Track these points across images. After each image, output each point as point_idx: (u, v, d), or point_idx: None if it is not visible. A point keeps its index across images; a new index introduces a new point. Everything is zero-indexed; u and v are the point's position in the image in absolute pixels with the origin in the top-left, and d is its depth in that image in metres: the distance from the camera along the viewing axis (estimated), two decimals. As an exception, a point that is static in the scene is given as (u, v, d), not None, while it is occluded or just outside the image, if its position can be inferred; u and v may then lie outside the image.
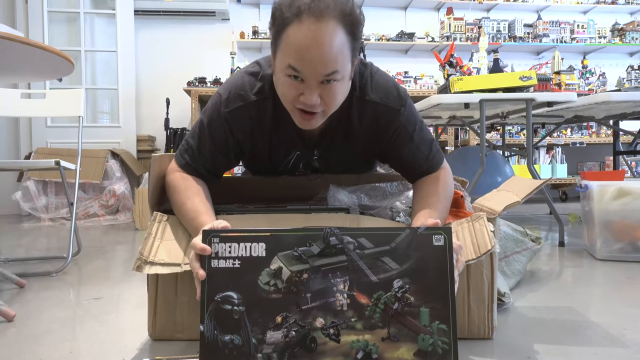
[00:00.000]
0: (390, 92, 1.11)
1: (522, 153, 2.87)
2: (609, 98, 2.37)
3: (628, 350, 0.98)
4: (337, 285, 0.85)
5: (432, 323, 0.82)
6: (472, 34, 4.76)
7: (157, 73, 4.47)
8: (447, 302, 0.83)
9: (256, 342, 0.82)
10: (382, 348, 0.82)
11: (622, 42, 4.94)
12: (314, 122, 1.03)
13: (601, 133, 4.82)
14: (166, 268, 0.97)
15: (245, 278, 0.85)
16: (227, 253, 0.86)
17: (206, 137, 1.11)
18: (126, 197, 3.69)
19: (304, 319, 0.84)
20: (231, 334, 0.83)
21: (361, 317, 0.83)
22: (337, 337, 0.83)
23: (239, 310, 0.84)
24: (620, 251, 1.84)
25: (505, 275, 1.45)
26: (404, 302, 0.84)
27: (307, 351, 0.82)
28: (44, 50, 1.51)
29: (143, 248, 0.99)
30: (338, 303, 0.84)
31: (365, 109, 1.11)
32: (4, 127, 4.17)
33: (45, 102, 2.23)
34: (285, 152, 1.22)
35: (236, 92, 1.10)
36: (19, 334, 1.12)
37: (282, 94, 1.03)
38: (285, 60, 0.95)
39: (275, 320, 0.83)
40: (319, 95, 0.97)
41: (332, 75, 0.95)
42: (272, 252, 0.86)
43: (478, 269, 1.03)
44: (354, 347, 0.82)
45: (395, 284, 0.85)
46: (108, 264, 2.00)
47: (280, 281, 0.85)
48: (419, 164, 1.15)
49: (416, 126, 1.14)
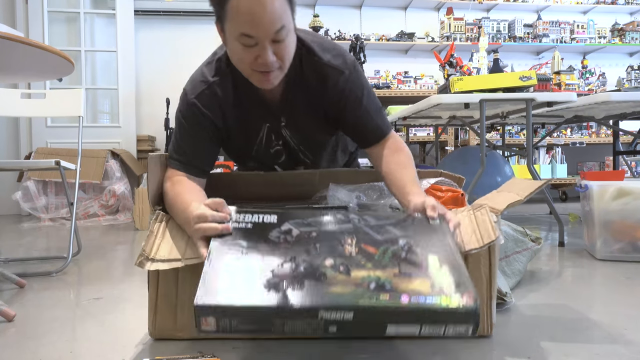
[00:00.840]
0: (337, 54, 1.19)
1: (522, 153, 2.88)
2: (608, 98, 2.37)
3: (628, 350, 0.98)
4: (344, 240, 0.87)
5: (443, 266, 0.82)
6: (472, 34, 4.76)
7: (157, 73, 4.47)
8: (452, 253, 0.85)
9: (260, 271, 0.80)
10: (395, 282, 0.79)
11: (622, 42, 4.94)
12: (272, 79, 1.10)
13: (601, 133, 4.82)
14: (167, 264, 0.98)
15: (256, 234, 0.89)
16: (241, 219, 0.93)
17: (184, 128, 1.19)
18: (126, 197, 3.69)
19: (314, 260, 0.82)
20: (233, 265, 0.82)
21: (370, 260, 0.84)
22: (348, 272, 0.81)
23: (245, 251, 0.85)
24: (620, 251, 1.84)
25: (506, 275, 1.45)
26: (412, 252, 0.85)
27: (316, 281, 0.78)
28: (44, 50, 1.51)
29: (145, 245, 1.00)
30: (347, 250, 0.85)
31: (314, 69, 1.18)
32: (4, 127, 4.17)
33: (45, 102, 2.22)
34: (256, 127, 1.27)
35: (198, 80, 1.20)
36: (19, 334, 1.12)
37: (239, 62, 1.09)
38: (237, 30, 1.01)
39: (281, 260, 0.82)
40: (274, 53, 1.04)
41: (281, 31, 1.01)
42: (282, 220, 0.92)
43: (477, 266, 1.02)
44: (365, 280, 0.79)
45: (401, 242, 0.88)
46: (108, 264, 2.00)
47: (290, 236, 0.88)
48: (370, 129, 1.23)
49: (364, 91, 1.21)
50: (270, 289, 0.76)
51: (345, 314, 0.74)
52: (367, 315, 0.75)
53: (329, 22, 4.71)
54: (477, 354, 0.96)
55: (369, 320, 0.75)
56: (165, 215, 1.10)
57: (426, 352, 0.97)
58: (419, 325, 0.75)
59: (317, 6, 4.76)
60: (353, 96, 1.20)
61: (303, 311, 0.74)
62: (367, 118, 1.22)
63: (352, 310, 0.74)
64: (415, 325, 0.75)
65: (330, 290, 0.77)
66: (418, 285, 0.78)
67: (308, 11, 4.73)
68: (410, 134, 4.32)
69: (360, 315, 0.74)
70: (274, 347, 1.00)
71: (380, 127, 1.23)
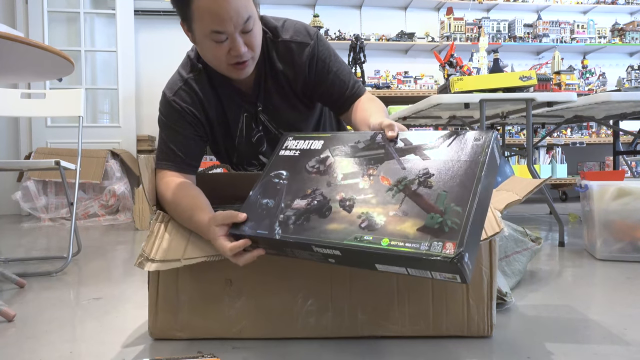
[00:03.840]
0: (299, 30, 1.22)
1: (522, 153, 2.87)
2: (608, 98, 2.37)
3: (628, 350, 0.98)
4: (367, 170, 0.91)
5: (448, 205, 0.78)
6: (472, 34, 4.76)
7: (157, 73, 4.46)
8: (469, 190, 0.79)
9: (284, 206, 0.92)
10: (387, 220, 0.80)
11: (622, 42, 4.94)
12: (248, 69, 1.14)
13: (601, 133, 4.82)
14: (166, 264, 0.98)
15: (298, 163, 1.00)
16: (293, 146, 1.04)
17: (167, 127, 1.21)
18: (126, 197, 3.69)
19: (329, 193, 0.90)
20: (268, 199, 0.95)
21: (378, 195, 0.85)
22: (351, 208, 0.86)
23: (283, 183, 0.97)
24: (620, 251, 1.84)
25: (506, 275, 1.45)
26: (425, 185, 0.83)
27: (320, 217, 0.87)
28: (44, 50, 1.51)
29: (145, 246, 1.01)
30: (362, 182, 0.89)
31: (280, 49, 1.22)
32: (4, 127, 4.17)
33: (45, 102, 2.23)
34: (235, 118, 1.29)
35: (174, 80, 1.23)
36: (19, 334, 1.12)
37: (213, 59, 1.13)
38: (206, 28, 1.04)
39: (306, 191, 0.93)
40: (245, 44, 1.08)
41: (249, 22, 1.06)
42: (325, 146, 1.00)
43: (477, 267, 1.03)
44: (362, 217, 0.83)
45: (421, 171, 0.86)
46: (108, 264, 2.00)
47: (323, 165, 0.96)
48: (344, 92, 1.25)
49: (331, 57, 1.25)
50: (281, 224, 0.89)
51: (334, 251, 0.82)
52: (353, 254, 0.80)
53: (329, 22, 4.71)
54: (477, 354, 0.96)
55: (356, 258, 0.81)
56: (165, 216, 1.11)
57: (427, 351, 0.97)
58: (404, 268, 0.77)
59: (317, 6, 4.76)
60: (321, 64, 1.23)
61: (300, 245, 0.85)
62: (339, 83, 1.25)
63: (338, 248, 0.81)
64: (400, 267, 0.77)
65: (326, 226, 0.85)
66: (407, 228, 0.78)
67: (308, 11, 4.74)
68: (410, 134, 4.30)
69: (346, 253, 0.81)
70: (274, 347, 1.00)
71: (353, 89, 1.26)
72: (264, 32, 1.20)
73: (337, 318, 1.03)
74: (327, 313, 1.03)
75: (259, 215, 0.93)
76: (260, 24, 1.15)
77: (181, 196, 1.10)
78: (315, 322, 1.03)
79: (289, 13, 4.51)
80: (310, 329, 1.03)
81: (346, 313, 1.03)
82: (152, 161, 1.21)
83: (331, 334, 1.03)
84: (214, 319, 1.04)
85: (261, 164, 1.41)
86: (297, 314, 1.03)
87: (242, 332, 1.04)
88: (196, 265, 0.99)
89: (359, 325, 1.03)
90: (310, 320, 1.03)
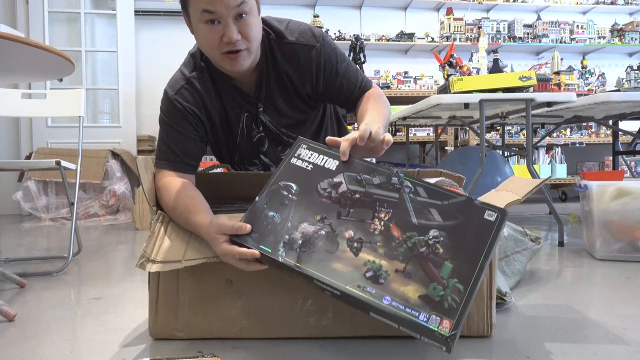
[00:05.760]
0: (304, 32, 1.22)
1: (521, 153, 2.88)
2: (608, 98, 2.37)
3: (628, 349, 0.98)
4: (379, 213, 0.90)
5: (451, 279, 0.81)
6: (472, 34, 4.76)
7: (157, 73, 4.46)
8: (473, 268, 0.82)
9: (290, 226, 0.91)
10: (392, 277, 0.83)
11: (622, 43, 4.94)
12: (242, 60, 1.13)
13: (600, 133, 4.82)
14: (167, 265, 0.98)
15: (310, 180, 0.97)
16: (306, 157, 1.00)
17: (168, 126, 1.20)
18: (126, 197, 3.69)
19: (338, 226, 0.90)
20: (275, 212, 0.94)
21: (387, 245, 0.86)
22: (358, 251, 0.86)
23: (292, 199, 0.95)
24: (619, 251, 1.85)
25: (506, 275, 1.45)
26: (432, 250, 0.85)
27: (327, 250, 0.87)
28: (44, 51, 1.52)
29: (146, 247, 1.01)
30: (372, 226, 0.89)
31: (285, 51, 1.22)
32: (4, 127, 4.18)
33: (46, 102, 2.23)
34: (235, 118, 1.29)
35: (177, 79, 1.23)
36: (19, 334, 1.12)
37: (207, 47, 1.12)
38: (198, 8, 1.05)
39: (314, 217, 0.92)
40: (238, 32, 1.08)
41: (242, 6, 1.06)
42: (340, 169, 0.97)
43: (477, 269, 1.03)
44: (367, 265, 0.84)
45: (432, 233, 0.87)
46: (108, 263, 2.00)
47: (335, 191, 0.94)
48: (352, 92, 1.26)
49: (338, 59, 1.24)
50: (286, 245, 0.89)
51: (335, 291, 0.83)
52: (352, 299, 0.82)
53: (329, 22, 4.71)
54: (477, 353, 0.96)
55: (354, 303, 0.83)
56: (165, 216, 1.11)
57: (426, 351, 0.97)
58: (397, 325, 0.80)
59: (317, 6, 4.76)
60: (329, 66, 1.23)
61: (301, 274, 0.85)
62: (347, 85, 1.26)
63: (339, 291, 0.83)
64: (394, 323, 0.80)
65: (331, 264, 0.85)
66: (409, 291, 0.81)
67: (308, 11, 4.74)
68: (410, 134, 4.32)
69: (345, 297, 0.83)
70: (274, 347, 1.00)
71: (360, 87, 1.27)
72: (267, 33, 1.20)
73: (337, 318, 1.03)
74: (327, 313, 1.03)
75: (263, 228, 0.92)
76: (259, 19, 1.15)
77: (179, 197, 1.10)
78: (315, 322, 1.03)
79: (289, 13, 4.52)
80: (310, 329, 1.03)
81: (346, 313, 1.03)
82: (150, 162, 1.22)
83: (331, 334, 1.03)
84: (214, 319, 1.04)
85: (262, 164, 1.41)
86: (297, 314, 1.03)
87: (242, 332, 1.04)
88: (197, 265, 0.99)
89: (359, 326, 1.03)
90: (310, 320, 1.03)
